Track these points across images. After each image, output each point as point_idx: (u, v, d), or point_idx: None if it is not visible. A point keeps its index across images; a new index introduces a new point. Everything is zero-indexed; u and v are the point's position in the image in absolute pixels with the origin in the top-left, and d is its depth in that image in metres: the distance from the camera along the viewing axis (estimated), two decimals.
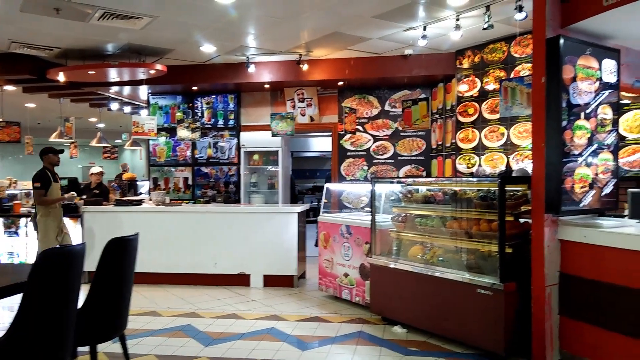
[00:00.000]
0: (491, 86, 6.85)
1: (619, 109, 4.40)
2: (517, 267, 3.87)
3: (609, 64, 3.99)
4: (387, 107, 8.34)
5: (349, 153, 8.44)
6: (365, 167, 8.36)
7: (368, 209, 5.90)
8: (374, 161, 8.36)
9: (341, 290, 5.60)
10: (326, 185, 6.24)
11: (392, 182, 5.37)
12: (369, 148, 8.37)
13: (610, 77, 4.00)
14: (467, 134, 7.15)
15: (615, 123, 4.12)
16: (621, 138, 5.50)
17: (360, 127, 8.38)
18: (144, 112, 10.06)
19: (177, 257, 6.55)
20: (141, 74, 7.36)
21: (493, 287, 3.83)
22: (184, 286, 6.43)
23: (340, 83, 8.10)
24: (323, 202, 6.15)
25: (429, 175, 8.01)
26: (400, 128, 8.15)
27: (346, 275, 5.53)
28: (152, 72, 7.19)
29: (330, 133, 8.61)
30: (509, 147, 6.63)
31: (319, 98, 8.51)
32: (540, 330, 3.67)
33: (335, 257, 5.67)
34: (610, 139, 4.03)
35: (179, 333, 4.56)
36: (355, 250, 5.40)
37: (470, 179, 5.33)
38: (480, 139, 6.99)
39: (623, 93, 5.10)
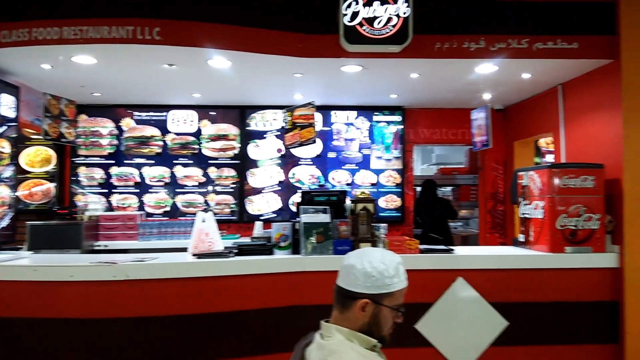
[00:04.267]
0: None
1: (18, 144, 4.47)
2: None
3: (8, 99, 4.01)
4: None
5: None
6: None
7: None
8: None
9: None
10: None
11: None
12: None
13: (9, 112, 4.02)
14: None
15: (14, 157, 4.15)
16: (23, 172, 5.61)
17: None
18: None
19: None
20: None
21: None
22: None
23: None
24: None
25: None
26: None
27: None
28: None
29: None
30: None
31: None
32: None
33: None
34: (8, 172, 4.03)
35: None
36: None
37: None
38: None
39: (26, 129, 5.25)
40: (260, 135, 5.95)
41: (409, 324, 3.50)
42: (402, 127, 6.04)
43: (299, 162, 5.96)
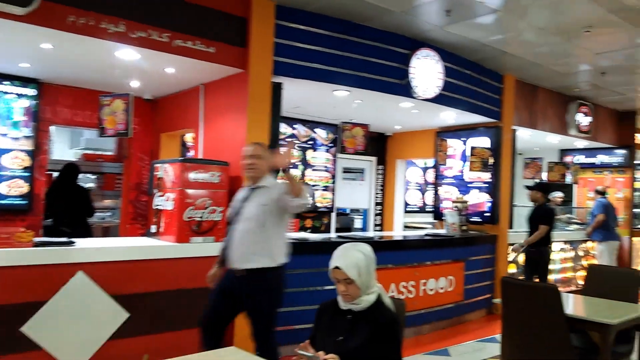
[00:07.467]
0: None
1: None
2: None
3: None
4: None
5: None
6: None
7: None
8: None
9: None
10: None
11: None
12: None
13: None
14: None
15: None
16: None
17: None
18: None
19: None
20: None
21: None
22: None
23: None
24: None
25: None
26: None
27: None
28: None
29: None
30: None
31: None
32: None
33: None
34: None
35: None
36: None
37: None
38: None
39: None
40: None
41: (16, 327, 3.06)
42: (36, 102, 5.27)
43: None
